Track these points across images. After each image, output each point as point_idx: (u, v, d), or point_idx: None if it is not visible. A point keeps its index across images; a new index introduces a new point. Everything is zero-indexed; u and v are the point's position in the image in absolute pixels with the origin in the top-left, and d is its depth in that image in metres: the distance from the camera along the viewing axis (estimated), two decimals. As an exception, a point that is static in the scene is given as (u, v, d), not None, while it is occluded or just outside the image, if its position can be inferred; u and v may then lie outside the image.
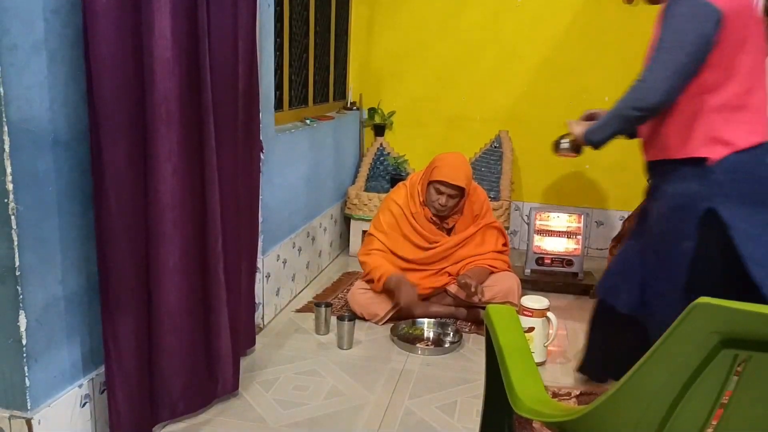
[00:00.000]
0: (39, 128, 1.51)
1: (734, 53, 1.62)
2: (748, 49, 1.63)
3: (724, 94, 1.63)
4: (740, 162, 1.64)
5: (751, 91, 1.64)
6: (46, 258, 1.57)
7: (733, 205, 1.61)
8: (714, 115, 1.65)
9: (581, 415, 0.96)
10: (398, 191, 3.15)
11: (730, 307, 0.74)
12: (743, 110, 1.64)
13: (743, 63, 1.62)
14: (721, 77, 1.63)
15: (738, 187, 1.62)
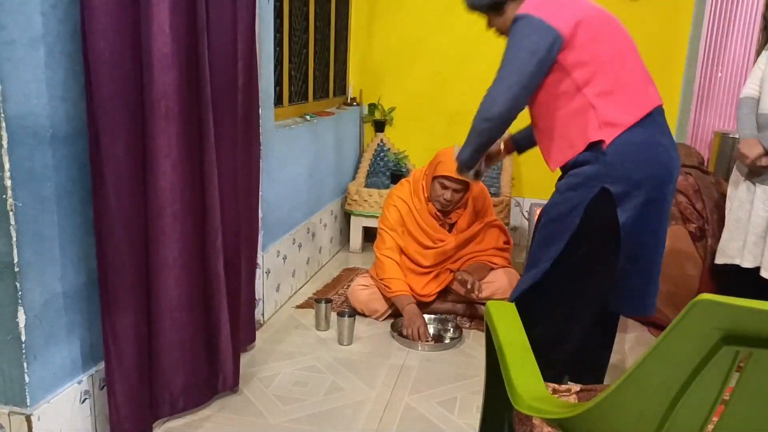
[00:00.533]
0: (37, 124, 1.50)
1: (592, 50, 1.78)
2: (604, 41, 1.80)
3: (599, 84, 1.78)
4: (630, 143, 1.78)
5: (619, 74, 1.80)
6: (45, 254, 1.56)
7: (620, 185, 1.76)
8: (598, 102, 1.78)
9: (581, 411, 0.96)
10: (401, 188, 3.14)
11: (731, 304, 0.74)
12: (618, 92, 1.79)
13: (604, 54, 1.79)
14: (589, 72, 1.78)
15: (623, 169, 1.76)
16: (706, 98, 4.01)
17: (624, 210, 1.79)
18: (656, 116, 1.86)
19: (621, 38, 1.87)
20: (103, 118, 1.60)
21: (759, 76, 2.61)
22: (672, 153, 1.86)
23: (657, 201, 1.82)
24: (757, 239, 2.52)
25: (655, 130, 1.84)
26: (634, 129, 1.79)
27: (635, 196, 1.79)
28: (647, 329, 2.97)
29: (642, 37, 4.01)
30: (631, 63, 1.85)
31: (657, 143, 1.83)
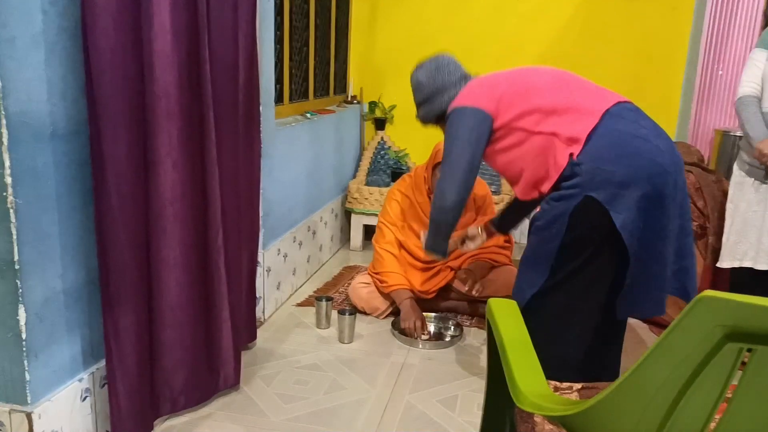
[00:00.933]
0: (38, 121, 1.50)
1: (528, 100, 1.94)
2: (534, 87, 1.97)
3: (548, 117, 1.90)
4: (599, 145, 1.82)
5: (562, 99, 1.92)
6: (45, 252, 1.56)
7: (605, 190, 1.78)
8: (555, 128, 1.88)
9: (584, 409, 0.95)
10: (403, 182, 3.15)
11: (735, 300, 0.73)
12: (568, 111, 1.89)
13: (539, 93, 1.94)
14: (537, 116, 1.91)
15: (602, 173, 1.79)
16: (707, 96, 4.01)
17: (618, 212, 1.78)
18: (621, 111, 1.89)
19: (550, 75, 2.03)
20: (104, 116, 1.59)
21: (758, 74, 2.53)
22: (656, 142, 1.84)
23: (654, 195, 1.79)
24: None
25: (624, 125, 1.86)
26: (597, 130, 1.84)
27: (626, 195, 1.78)
28: (648, 328, 2.96)
29: (643, 35, 4.02)
30: (571, 86, 1.97)
31: (630, 136, 1.84)
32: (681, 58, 4.02)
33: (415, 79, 2.29)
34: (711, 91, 4.01)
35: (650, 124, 1.90)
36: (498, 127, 1.97)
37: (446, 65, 2.24)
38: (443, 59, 2.27)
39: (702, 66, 3.96)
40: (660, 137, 1.88)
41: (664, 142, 1.87)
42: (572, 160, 1.83)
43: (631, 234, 1.78)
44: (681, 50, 4.01)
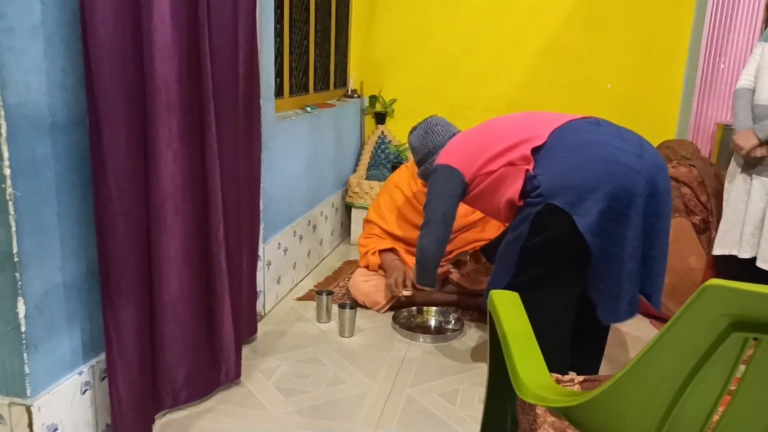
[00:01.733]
0: (37, 113, 1.49)
1: (489, 150, 2.07)
2: (495, 137, 2.10)
3: (507, 155, 2.02)
4: (551, 157, 1.93)
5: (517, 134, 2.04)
6: (45, 244, 1.55)
7: (565, 196, 1.86)
8: (510, 159, 2.00)
9: (587, 400, 0.95)
10: (400, 173, 3.17)
11: (741, 289, 0.73)
12: (523, 140, 2.00)
13: (499, 142, 2.06)
14: (497, 159, 2.04)
15: (561, 179, 1.88)
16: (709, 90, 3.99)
17: (581, 215, 1.83)
18: (574, 125, 1.99)
19: (512, 121, 2.17)
20: (104, 108, 1.58)
21: (754, 67, 2.60)
22: (618, 145, 1.89)
23: (621, 193, 1.82)
24: (754, 230, 2.53)
25: (577, 135, 1.95)
26: (545, 145, 1.95)
27: (589, 198, 1.83)
28: (649, 321, 2.96)
29: (644, 29, 4.01)
30: (527, 124, 2.09)
31: (585, 143, 1.92)
32: (682, 51, 4.01)
33: (410, 143, 2.52)
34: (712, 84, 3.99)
35: (612, 131, 1.98)
36: (470, 180, 2.15)
37: (435, 127, 2.44)
38: (432, 122, 2.47)
39: (703, 60, 3.94)
40: (624, 140, 1.93)
41: (629, 144, 1.92)
42: (528, 174, 1.94)
43: (593, 233, 1.83)
44: (682, 44, 4.00)
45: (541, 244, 1.92)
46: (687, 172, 3.02)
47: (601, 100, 4.07)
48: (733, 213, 2.61)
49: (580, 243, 1.84)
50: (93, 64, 1.54)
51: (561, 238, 1.88)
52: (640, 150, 1.91)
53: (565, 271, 1.95)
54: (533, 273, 1.94)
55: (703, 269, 2.89)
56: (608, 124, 2.02)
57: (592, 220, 1.82)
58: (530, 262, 1.94)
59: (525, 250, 1.94)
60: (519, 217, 1.98)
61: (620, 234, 1.84)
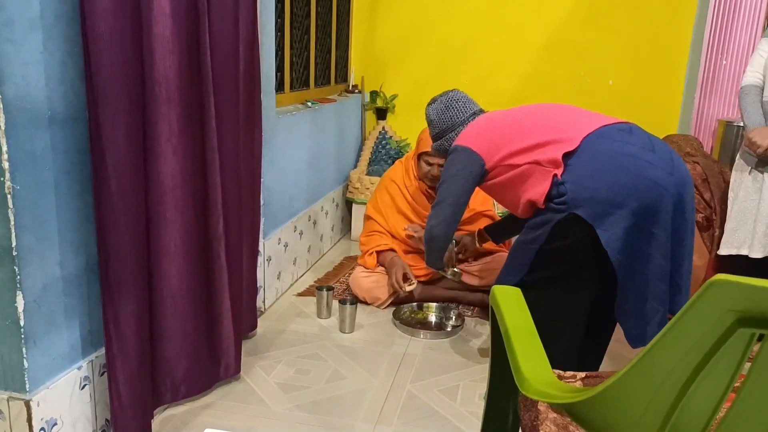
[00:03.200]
0: (36, 106, 1.48)
1: (515, 141, 1.99)
2: (522, 128, 2.02)
3: (533, 150, 1.94)
4: (581, 164, 1.86)
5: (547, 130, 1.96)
6: (44, 238, 1.54)
7: (591, 207, 1.82)
8: (539, 157, 1.92)
9: (590, 396, 0.94)
10: (395, 169, 3.19)
11: (748, 284, 0.72)
12: (553, 140, 1.92)
13: (526, 135, 1.98)
14: (523, 155, 1.96)
15: (587, 191, 1.83)
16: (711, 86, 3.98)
17: (605, 229, 1.79)
18: (606, 132, 1.90)
19: (541, 113, 2.09)
20: (103, 102, 1.57)
21: (761, 63, 2.54)
22: (646, 158, 1.83)
23: (646, 210, 1.78)
24: (767, 229, 2.48)
25: (608, 145, 1.87)
26: (577, 152, 1.87)
27: (614, 213, 1.79)
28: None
29: (646, 25, 3.99)
30: (557, 120, 2.01)
31: (615, 154, 1.85)
32: (684, 47, 3.99)
33: (427, 115, 2.40)
34: (714, 81, 3.98)
35: (641, 140, 1.90)
36: (490, 168, 2.06)
37: (455, 103, 2.31)
38: (453, 97, 2.33)
39: (705, 55, 3.93)
40: (654, 152, 1.86)
41: (658, 157, 1.85)
42: (556, 179, 1.88)
43: (619, 251, 1.79)
44: (684, 39, 3.98)
45: (558, 249, 1.88)
46: (691, 169, 2.99)
47: (602, 95, 4.06)
48: (741, 211, 2.56)
49: (599, 255, 1.80)
50: (92, 57, 1.53)
51: (580, 248, 1.85)
52: (670, 165, 1.84)
53: (580, 275, 1.91)
54: (546, 274, 1.92)
55: (705, 267, 2.88)
56: (640, 133, 1.94)
57: (617, 237, 1.78)
58: (545, 264, 1.91)
59: (541, 253, 1.90)
60: (539, 220, 1.92)
61: (646, 252, 1.80)
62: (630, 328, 1.88)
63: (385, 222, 3.08)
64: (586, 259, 1.87)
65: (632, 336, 1.88)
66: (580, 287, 1.93)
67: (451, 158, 2.14)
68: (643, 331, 1.85)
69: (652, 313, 1.84)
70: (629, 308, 1.85)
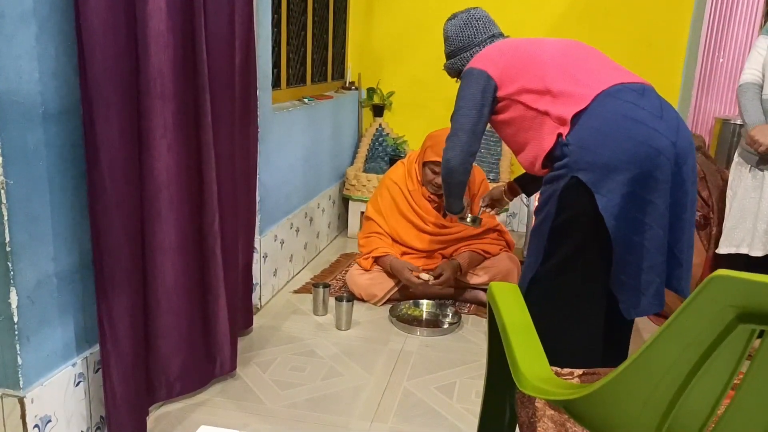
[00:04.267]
0: (28, 100, 1.46)
1: (529, 77, 1.94)
2: (538, 64, 1.96)
3: (546, 94, 1.90)
4: (588, 126, 1.81)
5: (562, 77, 1.91)
6: (37, 234, 1.53)
7: (591, 171, 1.78)
8: (549, 107, 1.88)
9: (587, 393, 0.93)
10: (396, 170, 3.14)
11: (748, 280, 0.71)
12: (565, 91, 1.87)
13: (541, 75, 1.93)
14: (535, 95, 1.93)
15: (589, 154, 1.79)
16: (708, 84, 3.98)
17: (603, 195, 1.76)
18: (618, 92, 1.85)
19: (560, 52, 2.01)
20: (97, 97, 1.55)
21: (760, 61, 2.53)
22: (653, 125, 1.78)
23: (644, 179, 1.75)
24: (767, 227, 2.47)
25: (618, 106, 1.82)
26: (586, 112, 1.82)
27: (612, 178, 1.75)
28: (647, 317, 2.95)
29: (643, 21, 3.98)
30: (575, 65, 1.95)
31: (622, 118, 1.80)
32: (682, 45, 3.99)
33: (444, 30, 2.30)
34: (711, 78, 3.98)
35: (653, 104, 1.84)
36: (501, 97, 2.00)
37: (476, 22, 2.23)
38: (475, 14, 2.25)
39: (703, 53, 3.93)
40: (662, 120, 1.81)
41: (666, 125, 1.80)
42: (561, 140, 1.84)
43: (616, 218, 1.75)
44: (682, 37, 3.98)
45: (567, 221, 1.84)
46: None
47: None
48: (740, 209, 2.55)
49: (602, 227, 1.78)
50: (86, 51, 1.51)
51: (585, 216, 1.81)
52: (675, 134, 1.80)
53: (591, 252, 1.86)
54: (560, 256, 1.87)
55: (702, 266, 2.87)
56: (652, 96, 1.88)
57: (615, 203, 1.75)
58: (557, 243, 1.87)
59: (553, 231, 1.86)
60: (544, 197, 1.90)
61: (643, 222, 1.77)
62: (625, 300, 1.84)
63: (385, 223, 3.06)
64: (594, 233, 1.81)
65: (626, 307, 1.85)
66: (594, 266, 1.87)
67: (465, 82, 2.06)
68: (638, 301, 1.83)
69: (647, 284, 1.81)
70: (625, 279, 1.82)
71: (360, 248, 3.09)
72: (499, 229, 3.11)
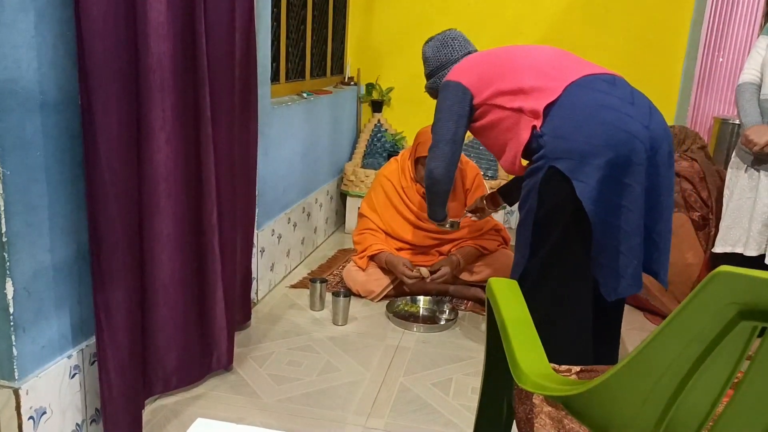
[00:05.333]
0: (27, 90, 1.45)
1: (503, 79, 2.01)
2: (511, 67, 2.03)
3: (519, 97, 1.97)
4: (560, 115, 1.87)
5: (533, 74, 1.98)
6: (34, 225, 1.52)
7: (568, 159, 1.82)
8: (523, 104, 1.94)
9: (587, 389, 0.93)
10: (389, 166, 3.14)
11: (751, 277, 0.71)
12: (537, 86, 1.94)
13: (514, 76, 2.00)
14: (509, 96, 1.99)
15: (564, 142, 1.84)
16: (707, 83, 3.98)
17: (580, 180, 1.80)
18: (589, 82, 1.92)
19: (532, 55, 2.08)
20: (96, 87, 1.54)
21: (759, 62, 2.53)
22: (625, 110, 1.84)
23: (620, 162, 1.78)
24: (762, 227, 2.46)
25: (589, 95, 1.88)
26: (557, 102, 1.88)
27: (589, 163, 1.79)
28: (643, 315, 2.95)
29: (644, 20, 3.98)
30: (546, 64, 2.01)
31: (595, 105, 1.85)
32: (681, 44, 3.99)
33: (423, 53, 2.43)
34: (711, 78, 3.98)
35: (624, 92, 1.91)
36: (478, 104, 2.07)
37: (452, 41, 2.33)
38: (450, 35, 2.36)
39: (702, 53, 3.93)
40: (633, 105, 1.87)
41: (637, 110, 1.86)
42: (535, 131, 1.89)
43: (594, 201, 1.79)
44: (682, 36, 3.97)
45: (549, 213, 1.88)
46: (689, 166, 2.98)
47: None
48: (737, 209, 2.56)
49: (583, 211, 1.81)
50: (85, 41, 1.50)
51: (566, 205, 1.85)
52: (648, 119, 1.86)
53: (576, 243, 1.89)
54: (546, 248, 1.90)
55: (700, 266, 2.87)
56: (623, 85, 1.95)
57: (592, 187, 1.79)
58: (543, 235, 1.91)
59: (536, 224, 1.91)
60: (525, 191, 1.94)
61: (620, 205, 1.80)
62: (604, 282, 1.88)
63: (378, 219, 3.06)
64: (574, 220, 1.85)
65: (606, 289, 1.89)
66: (580, 257, 1.90)
67: (442, 95, 2.15)
68: (617, 283, 1.86)
69: (625, 266, 1.85)
70: (604, 261, 1.86)
71: (355, 245, 3.09)
72: (496, 226, 3.10)
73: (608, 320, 2.10)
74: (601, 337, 2.07)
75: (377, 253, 2.95)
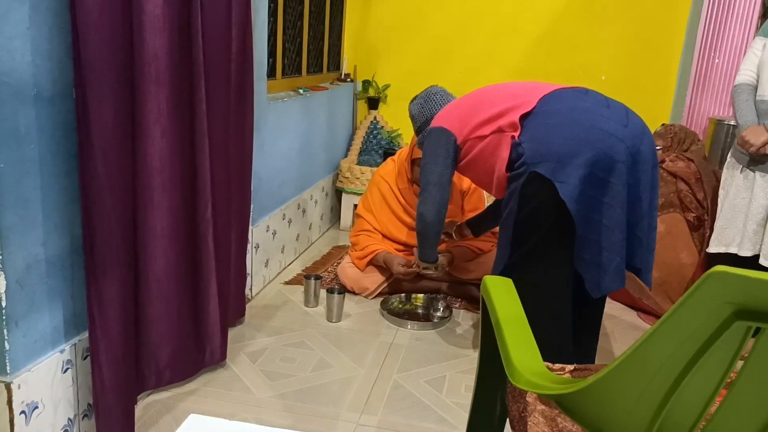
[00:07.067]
0: (21, 81, 1.44)
1: (480, 113, 2.08)
2: (486, 102, 2.10)
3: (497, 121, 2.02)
4: (535, 123, 1.93)
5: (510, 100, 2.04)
6: (27, 218, 1.50)
7: (548, 163, 1.86)
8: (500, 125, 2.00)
9: (581, 388, 0.93)
10: (386, 167, 3.13)
11: (746, 276, 0.71)
12: (514, 106, 2.00)
13: (490, 107, 2.06)
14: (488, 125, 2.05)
15: (542, 146, 1.89)
16: (703, 84, 3.98)
17: (562, 181, 1.83)
18: (562, 93, 2.00)
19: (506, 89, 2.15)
20: (91, 79, 1.53)
21: (755, 62, 2.54)
22: (600, 111, 1.89)
23: (602, 159, 1.81)
24: (757, 227, 2.47)
25: (562, 102, 1.96)
26: (532, 112, 1.95)
27: (569, 164, 1.82)
28: (636, 314, 2.96)
29: (640, 19, 3.99)
30: (520, 91, 2.08)
31: (569, 109, 1.92)
32: (678, 44, 3.99)
33: (409, 111, 2.51)
34: (707, 78, 3.98)
35: (597, 99, 1.98)
36: (462, 143, 2.14)
37: (434, 96, 2.44)
38: (431, 92, 2.47)
39: (698, 53, 3.93)
40: (609, 108, 1.93)
41: (612, 112, 1.91)
42: (514, 141, 1.94)
43: (576, 200, 1.82)
44: (678, 36, 3.98)
45: (530, 214, 1.92)
46: (685, 167, 2.98)
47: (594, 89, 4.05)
48: (731, 209, 2.56)
49: (565, 211, 1.83)
50: (80, 33, 1.49)
51: (547, 206, 1.88)
52: (625, 119, 1.90)
53: (557, 242, 1.91)
54: (527, 247, 1.93)
55: (694, 266, 2.88)
56: (596, 94, 2.02)
57: (573, 186, 1.81)
58: (523, 235, 1.94)
59: (517, 224, 1.94)
60: (507, 194, 1.99)
61: (602, 202, 1.83)
62: (589, 278, 1.90)
63: (374, 220, 3.06)
64: (556, 221, 1.88)
65: (591, 285, 1.91)
66: (560, 254, 1.92)
67: (428, 141, 2.22)
68: (601, 279, 1.88)
69: (608, 261, 1.87)
70: (587, 257, 1.88)
71: (352, 245, 3.09)
72: None
73: (591, 310, 2.12)
74: (581, 328, 2.10)
75: (374, 255, 2.94)
